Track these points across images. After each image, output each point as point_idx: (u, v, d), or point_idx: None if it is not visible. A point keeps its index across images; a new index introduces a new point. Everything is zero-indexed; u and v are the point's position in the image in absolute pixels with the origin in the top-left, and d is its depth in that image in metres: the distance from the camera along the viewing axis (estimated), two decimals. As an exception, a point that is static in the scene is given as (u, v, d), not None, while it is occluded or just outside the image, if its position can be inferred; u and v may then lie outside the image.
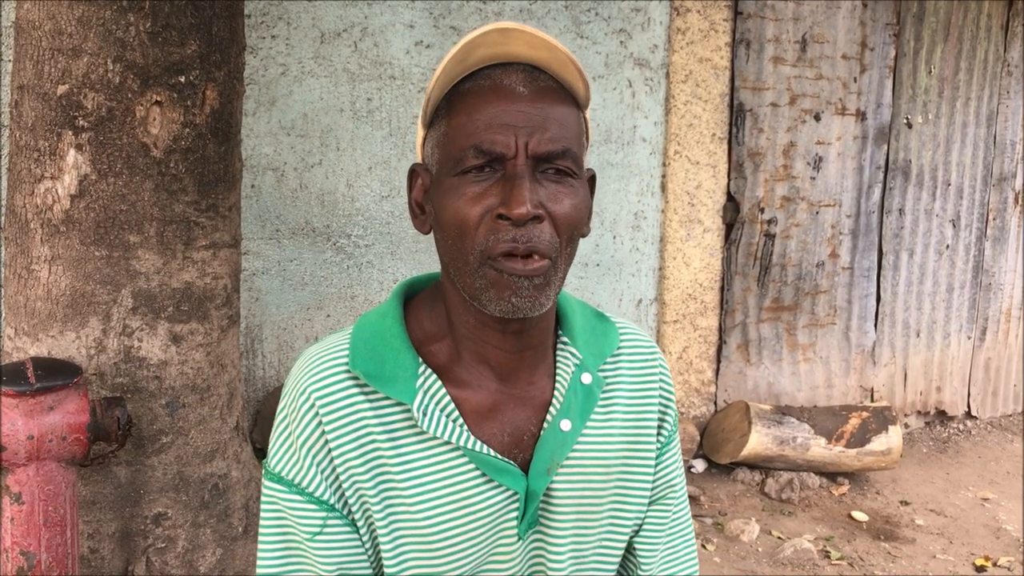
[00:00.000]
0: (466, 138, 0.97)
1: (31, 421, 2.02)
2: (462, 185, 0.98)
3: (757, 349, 4.68)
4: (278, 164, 3.46)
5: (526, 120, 0.97)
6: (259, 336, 3.54)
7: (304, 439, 1.02)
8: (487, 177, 0.97)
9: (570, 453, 1.08)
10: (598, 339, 1.14)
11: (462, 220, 0.97)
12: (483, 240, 0.97)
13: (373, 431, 1.02)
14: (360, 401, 1.03)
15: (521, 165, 0.97)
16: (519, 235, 0.96)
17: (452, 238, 0.99)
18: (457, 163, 0.98)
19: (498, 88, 0.98)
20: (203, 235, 2.35)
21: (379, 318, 1.08)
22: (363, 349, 1.04)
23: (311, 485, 1.02)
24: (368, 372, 1.02)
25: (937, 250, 5.13)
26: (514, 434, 1.07)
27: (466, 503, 1.04)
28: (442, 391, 1.04)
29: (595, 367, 1.11)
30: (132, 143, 2.21)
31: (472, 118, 0.97)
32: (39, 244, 2.24)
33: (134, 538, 2.36)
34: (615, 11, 4.06)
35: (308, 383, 1.03)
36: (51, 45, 2.16)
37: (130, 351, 2.29)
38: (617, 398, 1.13)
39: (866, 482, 4.45)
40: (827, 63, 4.59)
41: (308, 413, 1.02)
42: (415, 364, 1.04)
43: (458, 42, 0.98)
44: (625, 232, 4.26)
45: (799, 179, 4.62)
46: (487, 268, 0.98)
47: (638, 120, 4.20)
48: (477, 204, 0.97)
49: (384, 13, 3.57)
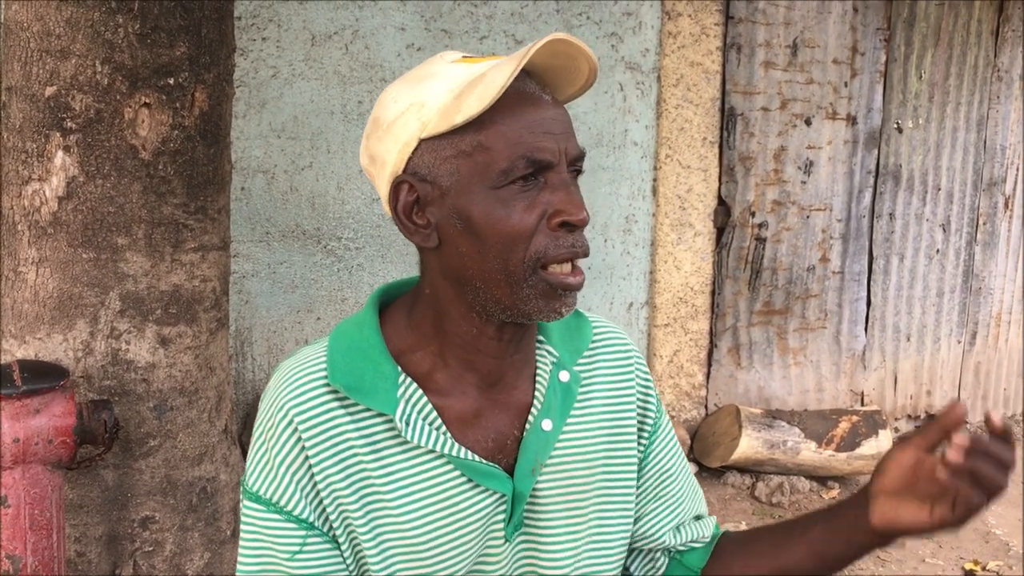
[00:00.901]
0: (512, 148, 0.96)
1: (17, 424, 2.01)
2: (512, 196, 0.97)
3: (748, 353, 4.68)
4: (268, 166, 3.45)
5: (560, 126, 0.99)
6: (249, 339, 3.53)
7: (283, 457, 1.01)
8: (532, 186, 0.98)
9: (552, 452, 1.09)
10: (572, 335, 1.14)
11: (516, 231, 0.97)
12: (541, 248, 0.98)
13: (354, 444, 1.02)
14: (340, 415, 1.02)
15: (565, 172, 0.99)
16: (576, 241, 0.99)
17: (495, 249, 0.98)
18: (505, 174, 0.96)
19: (527, 96, 0.98)
20: (192, 237, 2.35)
21: (356, 328, 1.07)
22: (341, 361, 1.03)
23: (290, 504, 1.01)
24: (348, 385, 1.01)
25: (927, 254, 5.15)
26: (497, 439, 1.07)
27: (453, 510, 1.04)
28: (424, 400, 1.03)
29: (571, 364, 1.12)
30: (120, 145, 2.20)
31: (513, 128, 0.97)
32: (26, 246, 2.24)
33: (121, 542, 2.35)
34: (606, 15, 4.06)
35: (286, 399, 1.02)
36: (39, 46, 2.15)
37: (118, 354, 2.28)
38: (594, 393, 1.14)
39: (856, 486, 4.45)
40: (818, 68, 4.60)
41: (287, 430, 1.01)
42: (395, 374, 1.03)
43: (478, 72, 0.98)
44: (616, 236, 4.27)
45: (790, 183, 4.63)
46: (537, 279, 0.98)
47: (629, 124, 4.20)
48: (530, 213, 0.97)
49: (375, 16, 3.56)
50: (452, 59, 1.02)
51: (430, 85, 0.99)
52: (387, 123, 1.01)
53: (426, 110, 0.98)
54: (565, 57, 0.99)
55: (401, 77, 1.05)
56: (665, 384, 4.49)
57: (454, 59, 1.02)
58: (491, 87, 0.94)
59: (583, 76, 1.02)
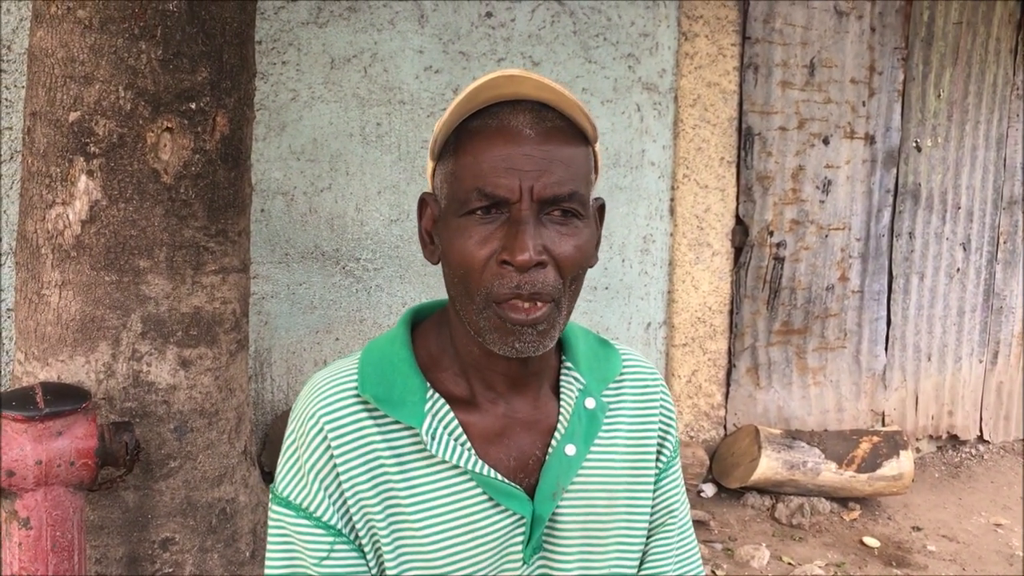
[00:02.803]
0: (471, 180, 0.97)
1: (39, 446, 2.03)
2: (468, 227, 0.98)
3: (767, 372, 4.66)
4: (288, 188, 3.47)
5: (532, 163, 0.97)
6: (268, 360, 3.54)
7: (312, 463, 1.03)
8: (493, 219, 0.98)
9: (575, 478, 1.09)
10: (601, 364, 1.15)
11: (468, 262, 0.98)
12: (488, 284, 0.98)
13: (381, 455, 1.03)
14: (369, 425, 1.03)
15: (525, 210, 0.97)
16: (523, 281, 0.97)
17: (458, 277, 1.00)
18: (462, 204, 0.98)
19: (505, 129, 0.98)
20: (212, 260, 2.36)
21: (387, 343, 1.09)
22: (372, 374, 1.05)
23: (319, 510, 1.03)
24: (377, 396, 1.03)
25: (948, 273, 5.12)
26: (520, 458, 1.08)
27: (472, 527, 1.05)
28: (450, 415, 1.05)
29: (598, 392, 1.12)
30: (143, 169, 2.23)
31: (477, 160, 0.98)
32: (50, 269, 2.26)
33: (141, 563, 2.35)
34: (623, 36, 4.08)
35: (317, 407, 1.04)
36: (63, 72, 2.18)
37: (139, 376, 2.30)
38: (620, 423, 1.14)
39: (877, 507, 4.41)
40: (836, 87, 4.59)
41: (317, 437, 1.03)
42: (423, 388, 1.05)
43: (467, 86, 0.99)
44: (634, 255, 4.27)
45: (808, 202, 4.62)
46: (491, 312, 0.99)
47: (646, 144, 4.21)
48: (482, 247, 0.98)
49: (394, 39, 3.59)
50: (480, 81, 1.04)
51: (446, 113, 1.02)
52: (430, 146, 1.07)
53: (435, 136, 1.04)
54: (551, 91, 0.98)
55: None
56: (684, 404, 4.47)
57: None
58: (453, 116, 1.00)
59: (577, 110, 1.01)
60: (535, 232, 0.97)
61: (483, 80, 0.97)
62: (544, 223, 0.99)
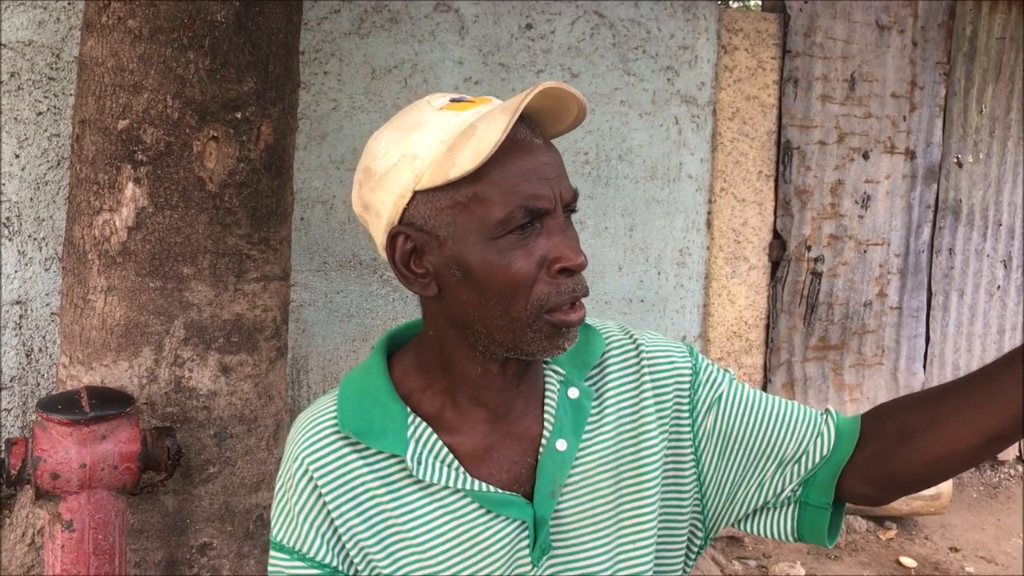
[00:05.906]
0: (508, 198, 0.96)
1: (84, 450, 2.05)
2: (511, 245, 0.97)
3: (803, 388, 4.62)
4: (327, 197, 3.50)
5: (552, 170, 0.99)
6: (305, 367, 3.56)
7: (301, 506, 1.04)
8: (529, 232, 0.97)
9: (571, 471, 1.07)
10: (580, 351, 1.12)
11: (517, 280, 0.97)
12: (542, 296, 0.97)
13: (370, 487, 1.03)
14: (353, 460, 1.04)
15: (561, 217, 0.99)
16: (576, 285, 0.99)
17: (496, 298, 0.98)
18: (502, 225, 0.96)
19: (516, 143, 0.97)
20: (254, 268, 2.39)
21: (363, 374, 1.09)
22: (350, 408, 1.05)
23: (312, 550, 1.03)
24: (358, 430, 1.03)
25: (988, 291, 5.05)
26: (511, 470, 1.07)
27: (475, 541, 1.04)
28: (434, 438, 1.04)
29: (581, 379, 1.10)
30: (188, 177, 2.25)
31: (507, 177, 0.96)
32: (96, 275, 2.29)
33: (179, 567, 2.37)
34: (662, 49, 4.07)
35: (300, 449, 1.05)
36: (113, 81, 2.21)
37: (181, 381, 2.32)
38: (607, 404, 1.11)
39: (914, 527, 4.35)
40: (876, 101, 4.55)
41: (303, 480, 1.04)
42: (404, 415, 1.04)
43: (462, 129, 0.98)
44: (670, 268, 4.25)
45: (847, 217, 4.58)
46: (542, 322, 0.98)
47: (684, 157, 4.20)
48: (529, 261, 0.97)
49: (434, 50, 3.61)
50: (439, 105, 1.01)
51: (420, 135, 0.98)
52: (379, 174, 1.00)
53: (419, 162, 0.97)
54: (555, 99, 0.98)
55: (388, 124, 1.03)
56: (718, 419, 4.44)
57: (441, 105, 1.01)
58: (485, 142, 0.93)
59: (572, 114, 1.02)
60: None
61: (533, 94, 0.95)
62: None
